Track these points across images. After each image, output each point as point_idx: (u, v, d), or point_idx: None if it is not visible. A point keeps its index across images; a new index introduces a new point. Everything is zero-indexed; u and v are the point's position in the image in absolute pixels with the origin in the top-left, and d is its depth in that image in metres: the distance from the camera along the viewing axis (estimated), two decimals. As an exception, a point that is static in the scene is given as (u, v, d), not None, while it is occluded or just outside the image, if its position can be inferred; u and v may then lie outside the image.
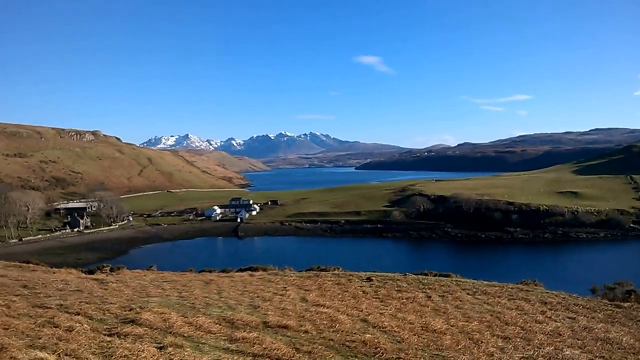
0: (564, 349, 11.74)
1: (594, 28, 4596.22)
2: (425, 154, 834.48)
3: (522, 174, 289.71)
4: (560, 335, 13.45)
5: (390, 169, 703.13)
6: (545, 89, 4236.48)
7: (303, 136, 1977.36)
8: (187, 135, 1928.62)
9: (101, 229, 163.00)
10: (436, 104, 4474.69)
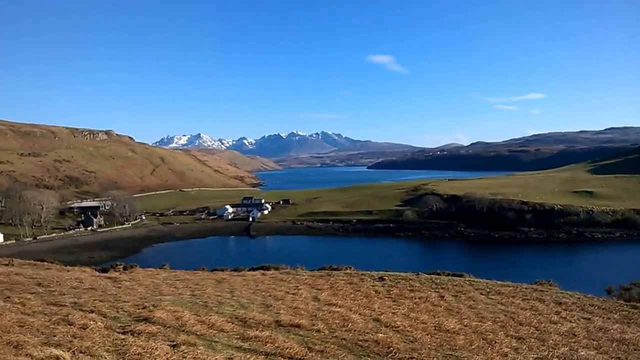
0: (579, 350, 11.59)
1: (611, 26, 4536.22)
2: (438, 153, 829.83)
3: (536, 173, 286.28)
4: (575, 335, 13.28)
5: (403, 168, 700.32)
6: (559, 88, 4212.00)
7: (315, 135, 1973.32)
8: (199, 134, 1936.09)
9: (114, 227, 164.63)
10: (449, 102, 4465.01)
